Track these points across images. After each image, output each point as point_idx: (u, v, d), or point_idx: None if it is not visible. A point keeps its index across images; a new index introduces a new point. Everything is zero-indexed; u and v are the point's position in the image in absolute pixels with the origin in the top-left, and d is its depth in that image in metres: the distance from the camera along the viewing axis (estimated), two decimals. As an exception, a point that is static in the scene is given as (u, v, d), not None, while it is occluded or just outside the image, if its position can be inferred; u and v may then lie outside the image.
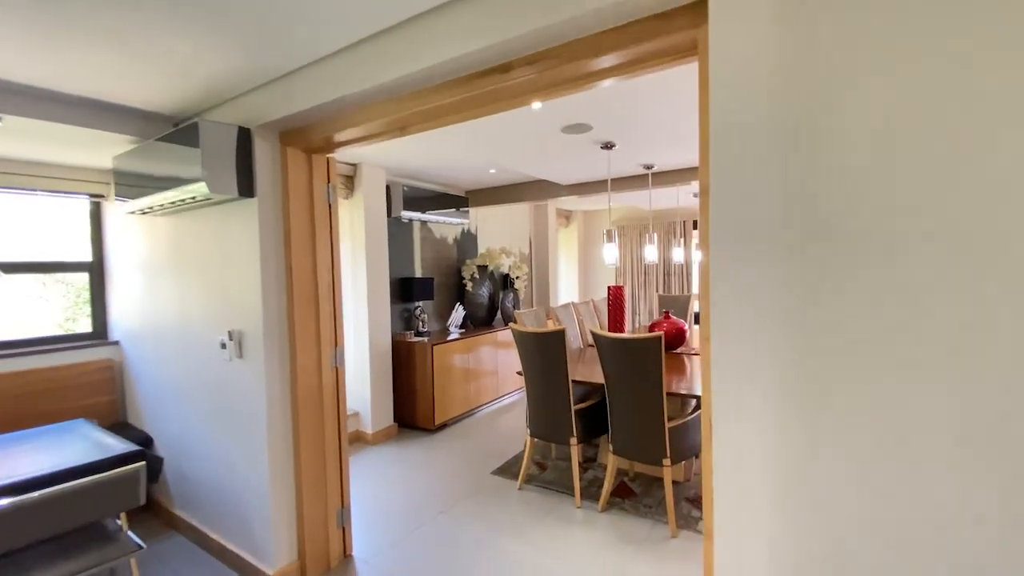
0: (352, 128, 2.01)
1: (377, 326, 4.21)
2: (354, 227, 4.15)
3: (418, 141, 3.42)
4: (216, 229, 2.47)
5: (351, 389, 4.28)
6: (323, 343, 2.42)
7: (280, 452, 2.32)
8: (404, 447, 4.10)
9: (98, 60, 1.89)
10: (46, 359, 2.99)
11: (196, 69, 2.00)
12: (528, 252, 6.79)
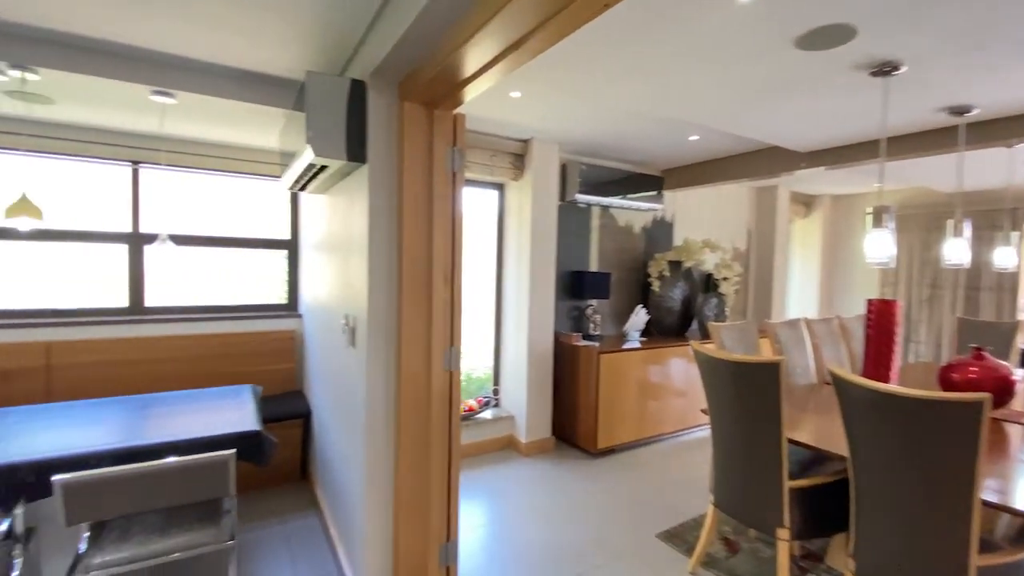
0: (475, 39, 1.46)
1: (539, 324, 3.71)
2: (521, 212, 3.71)
3: (597, 106, 2.74)
4: (344, 203, 2.27)
5: (507, 389, 3.89)
6: (435, 341, 1.99)
7: (378, 462, 1.98)
8: (558, 467, 3.51)
9: (244, 23, 1.78)
10: (247, 324, 3.36)
11: (324, 19, 1.74)
12: (745, 248, 5.40)
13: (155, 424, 2.22)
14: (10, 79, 2.08)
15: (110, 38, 1.98)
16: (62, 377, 2.83)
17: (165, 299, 3.26)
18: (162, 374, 3.09)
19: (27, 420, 2.24)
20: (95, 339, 2.93)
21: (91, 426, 2.18)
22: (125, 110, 2.54)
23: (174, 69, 2.20)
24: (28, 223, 2.10)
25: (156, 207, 3.20)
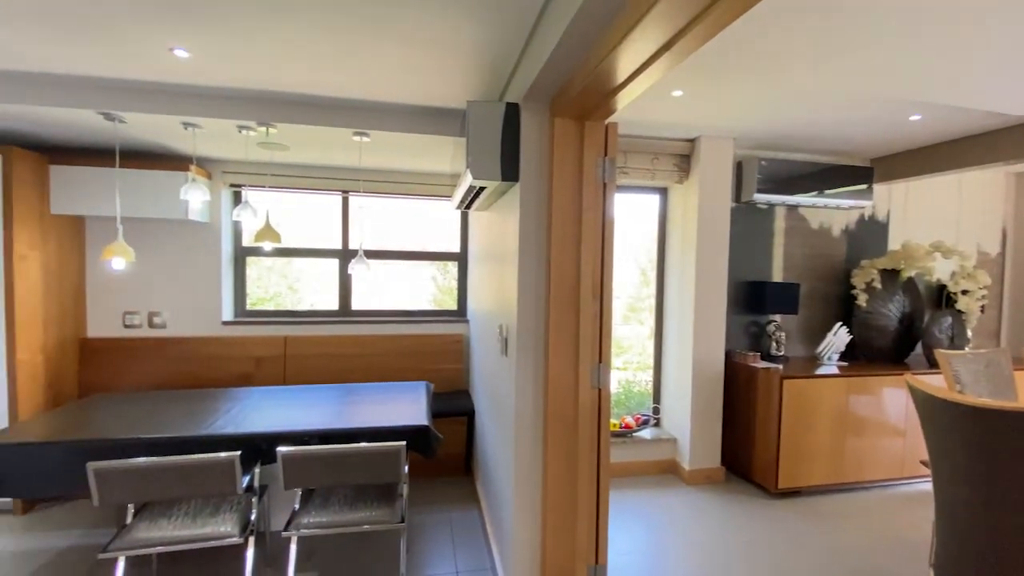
0: (628, 40, 1.41)
1: (706, 340, 3.37)
2: (686, 216, 3.43)
3: (783, 93, 2.38)
4: (500, 219, 2.38)
5: (669, 409, 3.62)
6: (582, 356, 1.95)
7: (526, 472, 2.01)
8: (727, 502, 3.13)
9: (419, 63, 2.03)
10: (424, 327, 3.78)
11: (481, 52, 1.88)
12: (998, 251, 4.12)
13: (352, 410, 2.63)
14: (258, 133, 2.70)
15: (322, 93, 2.42)
16: (293, 365, 3.56)
17: (366, 304, 3.86)
18: (361, 367, 3.66)
19: (269, 398, 2.86)
20: (316, 335, 3.62)
21: (308, 407, 2.69)
22: (335, 149, 3.09)
23: (367, 112, 2.59)
24: (270, 245, 2.69)
25: (359, 228, 3.82)
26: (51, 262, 3.04)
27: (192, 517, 2.02)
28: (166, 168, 3.10)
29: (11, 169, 2.74)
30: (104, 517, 2.81)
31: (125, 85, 2.36)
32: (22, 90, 2.33)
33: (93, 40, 1.90)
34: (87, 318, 3.36)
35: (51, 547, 2.52)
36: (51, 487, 2.13)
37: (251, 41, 1.89)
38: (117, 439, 2.16)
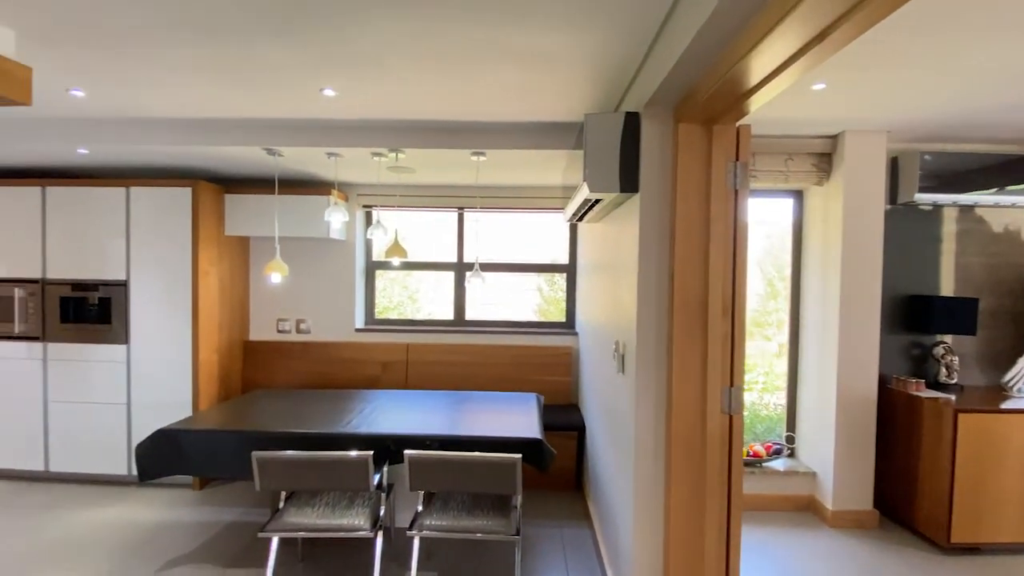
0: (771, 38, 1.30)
1: (854, 362, 2.95)
2: (827, 223, 3.05)
3: (957, 75, 2.03)
4: (615, 231, 2.31)
5: (806, 437, 3.22)
6: (710, 377, 1.81)
7: (647, 499, 1.91)
8: (882, 552, 2.69)
9: (532, 82, 2.09)
10: (533, 339, 3.81)
11: (599, 65, 1.87)
12: None
13: (467, 417, 2.73)
14: (388, 158, 2.94)
15: (445, 118, 2.57)
16: (414, 370, 3.80)
17: (478, 314, 4.01)
18: (474, 375, 3.80)
19: (394, 400, 3.08)
20: (433, 343, 3.83)
21: (427, 412, 2.84)
22: (454, 169, 3.26)
23: (484, 132, 2.70)
24: (398, 260, 2.91)
25: (474, 242, 3.98)
26: (225, 276, 3.60)
27: (331, 508, 2.23)
28: (312, 193, 3.52)
29: (198, 199, 3.31)
30: (261, 498, 3.22)
31: (283, 124, 2.73)
32: (207, 134, 2.80)
33: (261, 89, 2.22)
34: (250, 324, 3.92)
35: (220, 520, 2.94)
36: (222, 469, 2.49)
37: (386, 79, 2.07)
38: (274, 432, 2.47)
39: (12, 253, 3.40)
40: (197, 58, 1.92)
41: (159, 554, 2.58)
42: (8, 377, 3.41)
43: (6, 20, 1.65)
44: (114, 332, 3.35)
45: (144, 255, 3.33)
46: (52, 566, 2.47)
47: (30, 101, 1.76)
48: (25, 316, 3.40)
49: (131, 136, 2.80)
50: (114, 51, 1.87)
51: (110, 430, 3.37)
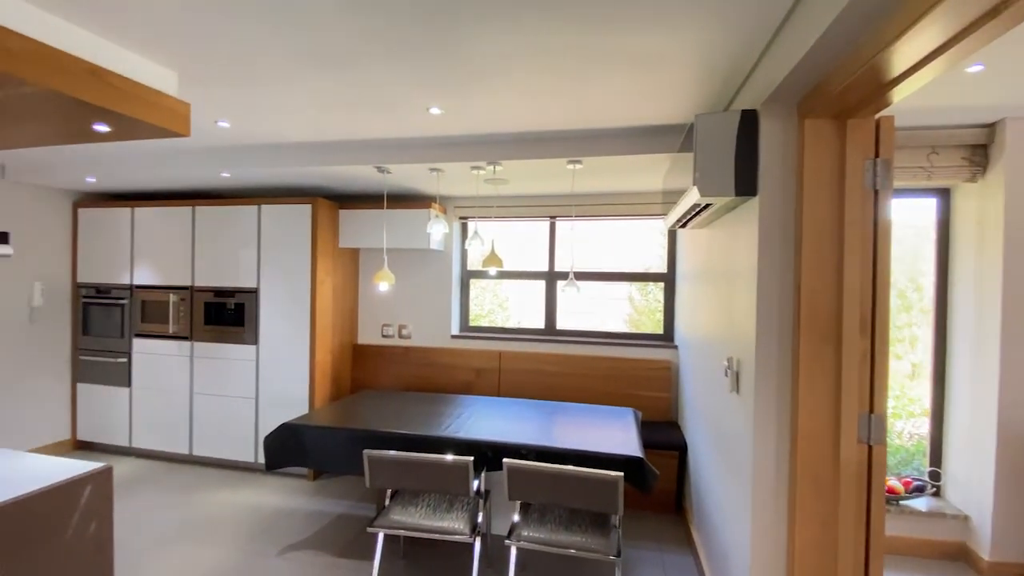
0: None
1: (1019, 388, 2.48)
2: (983, 225, 2.62)
3: None
4: (727, 238, 2.16)
5: (955, 474, 2.76)
6: (845, 403, 1.61)
7: (766, 534, 1.74)
8: (1067, 623, 2.22)
9: (638, 86, 2.04)
10: (627, 351, 3.68)
11: (710, 63, 1.78)
12: None
13: (561, 429, 2.69)
14: (486, 171, 3.01)
15: (542, 129, 2.58)
16: (506, 378, 3.84)
17: (570, 324, 3.97)
18: (566, 385, 3.75)
19: (488, 407, 3.13)
20: (525, 352, 3.85)
21: (520, 420, 2.84)
22: (548, 179, 3.26)
23: (582, 140, 2.67)
24: (495, 269, 2.96)
25: (568, 250, 3.96)
26: (338, 285, 3.90)
27: (432, 509, 2.30)
28: (414, 207, 3.71)
29: (316, 215, 3.63)
30: (367, 493, 3.42)
31: (392, 143, 2.90)
32: (325, 155, 3.06)
33: (374, 111, 2.38)
34: (358, 328, 4.21)
35: (331, 512, 3.16)
36: (336, 464, 2.68)
37: (491, 95, 2.12)
38: (381, 432, 2.60)
39: (168, 264, 3.96)
40: (320, 87, 2.10)
41: (280, 538, 2.83)
42: (163, 371, 3.96)
43: (170, 64, 1.93)
44: (246, 334, 3.76)
45: (271, 265, 3.72)
46: (195, 540, 2.80)
47: (188, 133, 2.03)
48: (177, 318, 3.94)
49: (264, 160, 3.14)
50: (252, 86, 2.11)
51: (241, 421, 3.78)
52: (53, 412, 4.08)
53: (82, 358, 4.17)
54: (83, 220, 4.17)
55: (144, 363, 4.01)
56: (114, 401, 4.08)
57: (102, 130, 1.94)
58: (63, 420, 4.15)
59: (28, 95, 1.62)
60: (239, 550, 2.69)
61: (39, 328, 3.97)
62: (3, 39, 1.42)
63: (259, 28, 1.63)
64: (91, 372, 4.15)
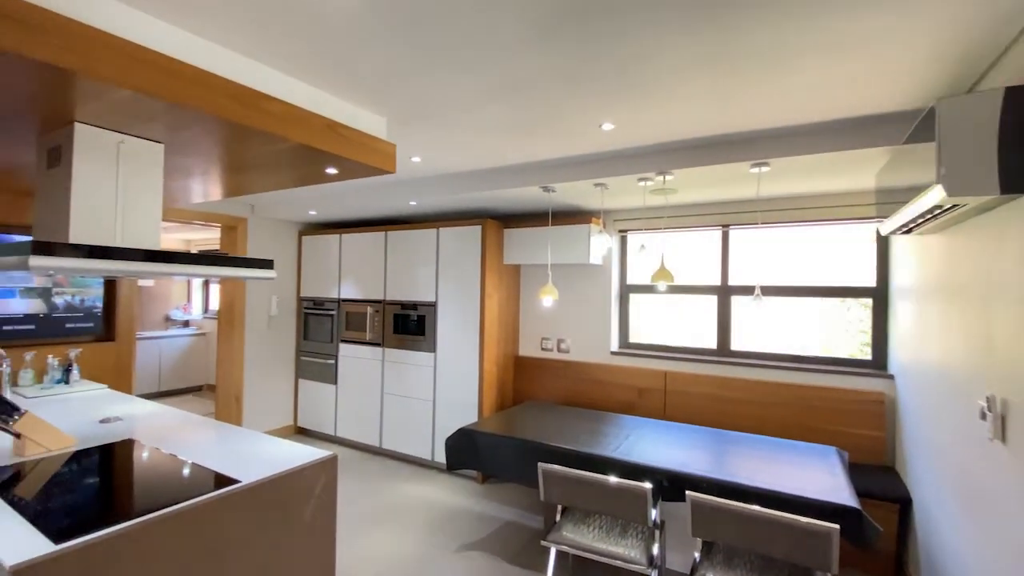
0: None
1: None
2: None
3: None
4: (978, 245, 1.72)
5: None
6: None
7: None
8: None
9: (843, 72, 1.79)
10: (817, 378, 3.18)
11: (944, 37, 1.47)
12: None
13: (745, 464, 2.42)
14: (655, 182, 2.90)
15: (723, 132, 2.40)
16: (673, 400, 3.62)
17: (747, 344, 3.59)
18: (743, 413, 3.38)
19: (655, 430, 2.97)
20: (694, 373, 3.58)
21: (696, 449, 2.63)
22: (723, 185, 3.01)
23: (769, 140, 2.40)
24: (664, 284, 2.83)
25: (740, 262, 3.60)
26: (502, 299, 4.12)
27: (605, 532, 2.24)
28: (574, 223, 3.75)
29: (485, 234, 3.90)
30: (532, 503, 3.51)
31: (556, 163, 2.98)
32: (495, 180, 3.26)
33: (545, 133, 2.47)
34: (519, 341, 4.39)
35: (500, 517, 3.31)
36: (507, 471, 2.79)
37: (667, 103, 2.04)
38: (553, 446, 2.64)
39: (366, 281, 4.62)
40: (499, 115, 2.25)
41: (456, 535, 3.04)
42: (361, 372, 4.61)
43: (380, 111, 2.24)
44: (427, 342, 4.19)
45: (447, 281, 4.09)
46: (387, 527, 3.16)
47: (395, 170, 2.33)
48: (372, 327, 4.56)
49: (443, 188, 3.48)
50: (442, 123, 2.35)
51: (421, 421, 4.20)
52: (282, 401, 5.03)
53: (302, 358, 5.08)
54: (305, 245, 5.11)
55: (347, 365, 4.73)
56: (324, 395, 4.88)
57: (331, 172, 2.35)
58: (288, 408, 5.09)
59: (283, 150, 2.03)
60: (423, 542, 2.96)
61: (274, 333, 4.95)
62: (267, 104, 1.80)
63: (452, 70, 1.80)
64: (309, 370, 5.03)
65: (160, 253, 1.64)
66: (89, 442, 2.07)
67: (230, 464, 1.84)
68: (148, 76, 1.44)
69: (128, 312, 3.66)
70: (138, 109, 1.59)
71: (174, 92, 1.50)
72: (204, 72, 1.58)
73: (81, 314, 3.40)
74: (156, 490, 1.60)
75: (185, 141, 1.91)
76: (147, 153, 1.86)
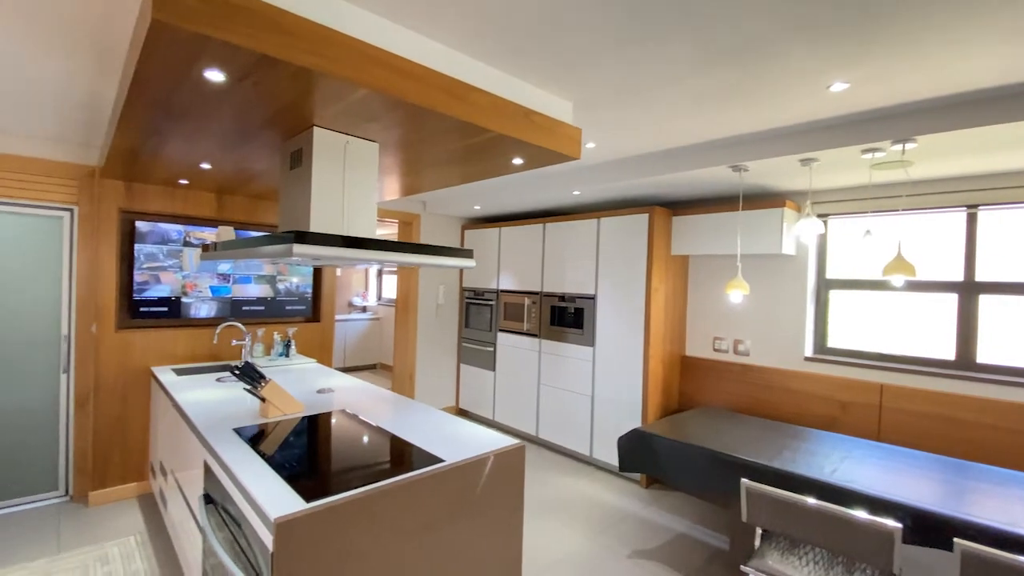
0: None
1: None
2: None
3: None
4: None
5: None
6: None
7: None
8: None
9: None
10: None
11: None
12: None
13: (1011, 509, 1.85)
14: (888, 153, 2.37)
15: (1005, 82, 1.84)
16: (891, 420, 2.99)
17: (1001, 357, 2.80)
18: (977, 440, 2.66)
19: (874, 455, 2.46)
20: (920, 388, 2.91)
21: (933, 482, 2.10)
22: (974, 154, 2.35)
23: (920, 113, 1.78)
24: (902, 278, 2.30)
25: (992, 252, 2.82)
26: (669, 293, 3.83)
27: (823, 569, 1.90)
28: (763, 207, 3.30)
29: (652, 223, 3.64)
30: (706, 516, 3.21)
31: (755, 137, 2.62)
32: (674, 161, 3.00)
33: (749, 103, 2.15)
34: (686, 339, 4.05)
35: (670, 527, 3.07)
36: (689, 482, 2.55)
37: (938, 50, 1.60)
38: (754, 462, 2.34)
39: (523, 273, 4.68)
40: (696, 88, 2.01)
41: (625, 540, 2.89)
42: (518, 361, 4.70)
43: (568, 95, 2.15)
44: (585, 336, 4.09)
45: (608, 274, 3.93)
46: (551, 518, 3.14)
47: (579, 155, 2.23)
48: (529, 318, 4.61)
49: (609, 175, 3.32)
50: (627, 102, 2.18)
51: (578, 415, 4.12)
52: (446, 383, 5.38)
53: (464, 345, 5.36)
54: (468, 238, 5.37)
55: (504, 353, 4.86)
56: (483, 381, 5.09)
57: (517, 163, 2.35)
58: (451, 390, 5.42)
59: (477, 143, 2.06)
60: (592, 541, 2.87)
61: (440, 320, 5.30)
62: (474, 96, 1.81)
63: (646, 44, 1.63)
64: (469, 356, 5.29)
65: (387, 242, 1.75)
66: (312, 409, 2.37)
67: (429, 441, 1.93)
68: (379, 74, 1.53)
69: (330, 297, 4.20)
70: (363, 110, 1.71)
71: (400, 88, 1.58)
72: (420, 67, 1.64)
73: (296, 298, 3.97)
74: (374, 460, 1.73)
75: (395, 140, 2.05)
76: (366, 152, 2.02)
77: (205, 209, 3.55)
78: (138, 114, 1.80)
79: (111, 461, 3.21)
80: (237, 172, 2.81)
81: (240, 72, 1.42)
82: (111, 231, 3.18)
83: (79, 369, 3.18)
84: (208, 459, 1.88)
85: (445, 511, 1.69)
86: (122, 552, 2.62)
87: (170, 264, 3.38)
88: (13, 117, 2.63)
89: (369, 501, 1.50)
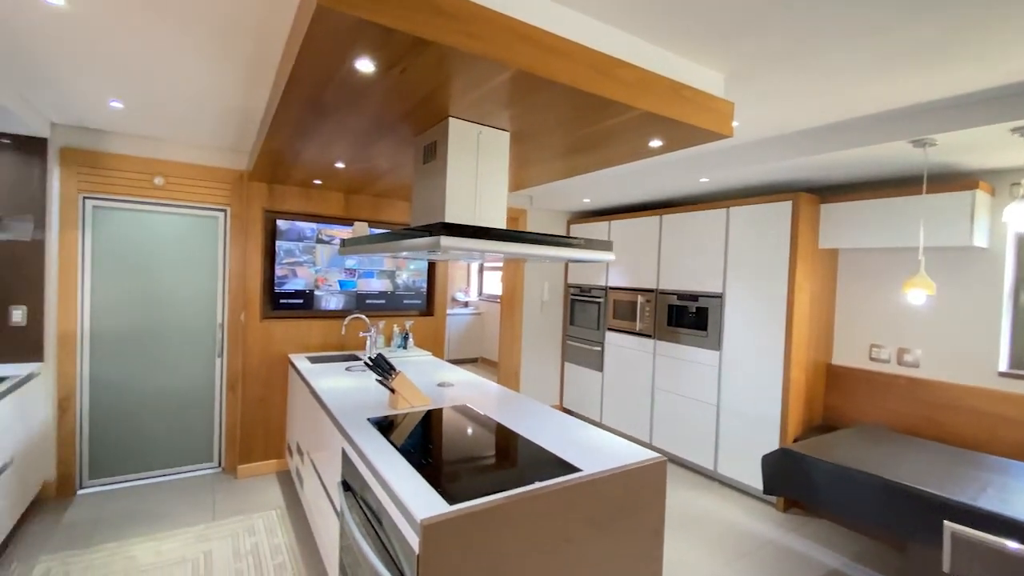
0: None
1: None
2: None
3: None
4: None
5: None
6: None
7: None
8: None
9: None
10: None
11: None
12: None
13: None
14: None
15: None
16: None
17: None
18: None
19: None
20: None
21: None
22: None
23: None
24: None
25: None
26: (815, 292, 3.36)
27: (1069, 651, 1.47)
28: (947, 189, 2.74)
29: (797, 211, 3.20)
30: (862, 551, 2.75)
31: (944, 104, 2.15)
32: (832, 138, 2.59)
33: (934, 64, 1.74)
34: (833, 346, 3.53)
35: (818, 560, 2.67)
36: (859, 513, 2.18)
37: None
38: (955, 501, 1.91)
39: (637, 269, 4.41)
40: (871, 49, 1.65)
41: (765, 570, 2.56)
42: (629, 362, 4.45)
43: (721, 66, 1.90)
44: (709, 339, 3.74)
45: (739, 270, 3.55)
46: (680, 535, 2.88)
47: (732, 133, 1.97)
48: (642, 317, 4.33)
49: (747, 158, 2.96)
50: (786, 73, 1.87)
51: (701, 425, 3.78)
52: (551, 381, 5.27)
53: (568, 343, 5.21)
54: (574, 233, 5.20)
55: (613, 353, 4.63)
56: (590, 381, 4.91)
57: (654, 146, 2.14)
58: (555, 388, 5.31)
59: (621, 122, 1.88)
60: (729, 567, 2.58)
61: (545, 316, 5.20)
62: (620, 71, 1.64)
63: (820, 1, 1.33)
64: (574, 354, 5.13)
65: (530, 235, 1.65)
66: (437, 403, 2.36)
67: (561, 447, 1.81)
68: (527, 52, 1.43)
69: (442, 292, 4.28)
70: (501, 95, 1.62)
71: (548, 67, 1.46)
72: (569, 42, 1.51)
73: (412, 292, 4.09)
74: (509, 464, 1.64)
75: (526, 128, 1.94)
76: (497, 141, 1.94)
77: (334, 208, 3.76)
78: (291, 115, 1.88)
79: (255, 438, 3.53)
80: (366, 171, 2.90)
81: (390, 59, 1.39)
82: (257, 229, 3.48)
83: (230, 354, 3.53)
84: (346, 447, 1.93)
85: (584, 525, 1.56)
86: (265, 525, 2.84)
87: (305, 259, 3.62)
88: (186, 128, 2.96)
89: (511, 507, 1.41)
